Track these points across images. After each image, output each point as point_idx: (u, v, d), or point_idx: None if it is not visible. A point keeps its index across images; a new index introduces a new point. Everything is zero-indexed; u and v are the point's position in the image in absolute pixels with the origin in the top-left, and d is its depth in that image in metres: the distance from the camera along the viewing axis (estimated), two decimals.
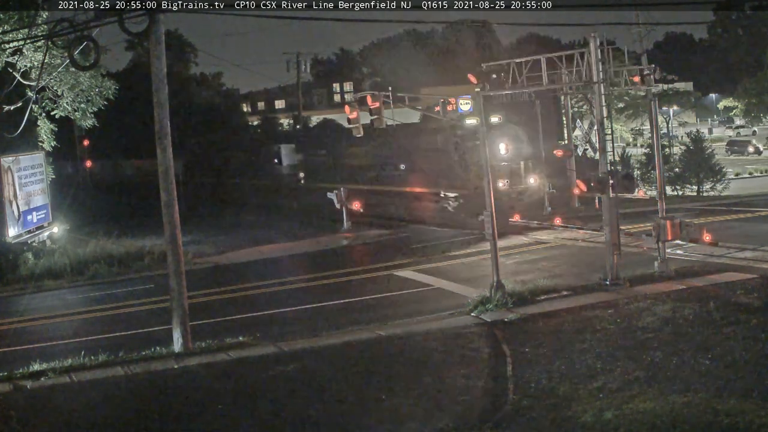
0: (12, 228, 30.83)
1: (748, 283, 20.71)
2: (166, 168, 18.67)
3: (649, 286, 21.20)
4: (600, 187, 22.02)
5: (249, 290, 25.35)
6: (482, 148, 21.69)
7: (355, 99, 27.58)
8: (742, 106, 69.23)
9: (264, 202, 48.66)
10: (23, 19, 28.45)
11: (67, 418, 14.93)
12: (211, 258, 31.57)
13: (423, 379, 15.54)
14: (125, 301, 24.73)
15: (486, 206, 21.43)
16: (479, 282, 22.63)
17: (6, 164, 30.86)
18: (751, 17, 73.10)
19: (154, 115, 18.64)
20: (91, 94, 31.79)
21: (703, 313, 18.10)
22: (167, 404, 15.36)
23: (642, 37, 39.59)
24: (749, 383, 13.75)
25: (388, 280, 25.18)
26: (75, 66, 22.21)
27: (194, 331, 18.94)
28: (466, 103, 22.65)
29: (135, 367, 17.38)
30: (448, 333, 18.64)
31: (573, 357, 15.96)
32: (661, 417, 12.68)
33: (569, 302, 20.38)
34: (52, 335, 21.23)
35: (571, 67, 24.19)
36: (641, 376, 14.60)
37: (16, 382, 16.65)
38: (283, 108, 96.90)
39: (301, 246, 33.07)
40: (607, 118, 22.71)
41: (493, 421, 13.30)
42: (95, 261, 29.62)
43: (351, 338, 18.73)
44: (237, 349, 18.25)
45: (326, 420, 13.90)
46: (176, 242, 18.80)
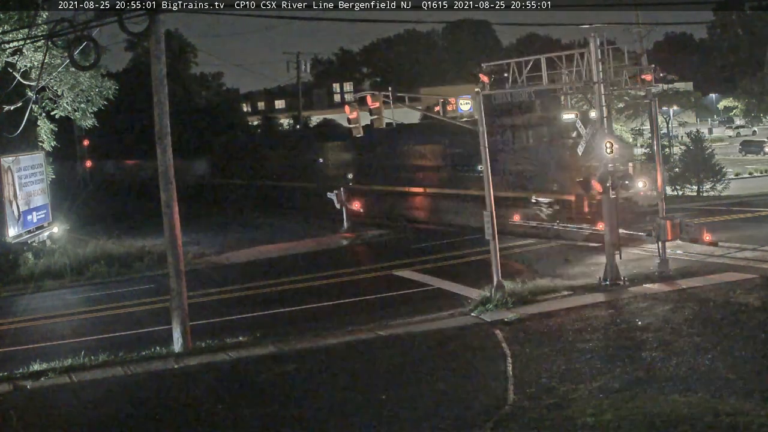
0: (12, 228, 30.83)
1: (748, 283, 20.73)
2: (166, 168, 18.67)
3: (649, 286, 21.22)
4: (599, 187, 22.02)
5: (249, 290, 25.36)
6: (482, 149, 21.68)
7: (355, 99, 27.56)
8: (742, 106, 69.23)
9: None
10: (23, 19, 28.46)
11: (67, 418, 14.93)
12: (211, 258, 31.60)
13: (423, 380, 15.54)
14: (125, 301, 24.73)
15: (486, 206, 21.44)
16: (480, 282, 22.63)
17: (6, 164, 30.86)
18: (751, 17, 73.04)
19: (153, 115, 18.65)
20: (91, 94, 31.80)
21: (703, 313, 18.11)
22: (167, 404, 15.36)
23: (642, 37, 39.58)
24: (749, 383, 13.75)
25: (388, 280, 25.18)
26: (75, 66, 22.23)
27: (194, 331, 18.95)
28: (466, 102, 22.66)
29: (135, 367, 17.38)
30: (447, 333, 18.65)
31: (573, 357, 15.96)
32: (661, 417, 12.68)
33: (569, 302, 20.39)
34: (52, 335, 21.23)
35: (571, 67, 24.18)
36: (641, 376, 14.60)
37: (16, 382, 16.67)
38: (283, 108, 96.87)
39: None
40: (606, 118, 22.72)
41: (493, 421, 13.29)
42: (95, 261, 29.63)
43: (351, 338, 18.74)
44: (237, 349, 18.26)
45: (326, 420, 13.90)
46: (176, 242, 18.80)
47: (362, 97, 24.94)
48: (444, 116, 23.96)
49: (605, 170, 21.83)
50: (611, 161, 21.63)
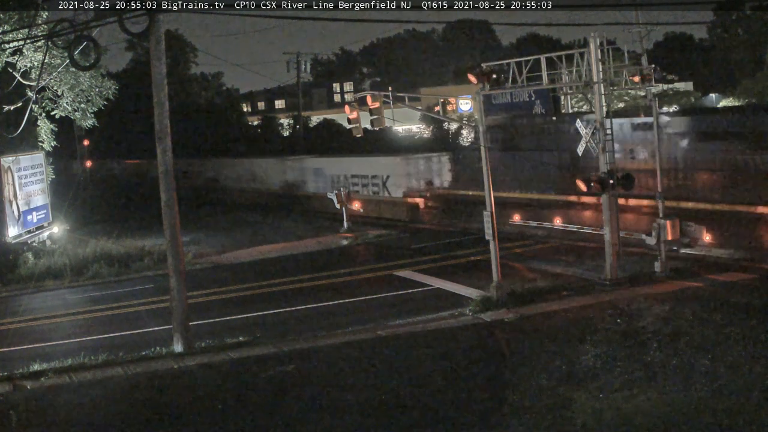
0: (12, 228, 30.83)
1: (748, 283, 20.73)
2: (166, 168, 18.67)
3: (649, 286, 21.22)
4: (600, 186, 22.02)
5: (249, 290, 25.36)
6: (482, 149, 21.68)
7: (355, 99, 27.55)
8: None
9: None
10: (23, 19, 28.47)
11: (67, 418, 14.93)
12: (211, 258, 31.59)
13: (422, 380, 15.55)
14: (125, 301, 24.74)
15: (486, 206, 21.44)
16: (479, 282, 22.64)
17: (6, 164, 30.85)
18: (751, 17, 73.06)
19: (154, 115, 18.65)
20: (91, 94, 31.81)
21: (703, 313, 18.10)
22: (167, 404, 15.36)
23: (642, 37, 39.50)
24: (749, 383, 13.75)
25: (388, 280, 25.18)
26: (75, 66, 22.22)
27: (194, 331, 18.95)
28: (466, 102, 22.67)
29: (135, 367, 17.39)
30: (448, 333, 18.66)
31: (573, 357, 15.96)
32: (661, 417, 12.69)
33: (569, 302, 20.40)
34: (52, 335, 21.24)
35: (571, 67, 24.20)
36: (641, 376, 14.60)
37: (16, 382, 16.67)
38: (283, 108, 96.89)
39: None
40: (607, 118, 22.72)
41: (493, 421, 13.30)
42: (95, 261, 29.64)
43: (351, 338, 18.75)
44: (237, 349, 18.27)
45: (326, 420, 13.90)
46: (176, 242, 18.80)
47: (362, 97, 24.95)
48: (444, 116, 23.93)
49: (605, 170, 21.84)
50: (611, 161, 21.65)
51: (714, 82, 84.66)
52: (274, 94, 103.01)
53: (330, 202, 35.50)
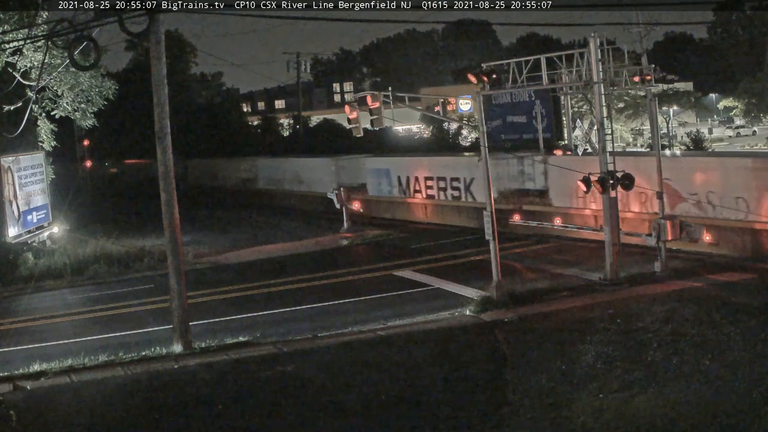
0: (12, 228, 30.82)
1: (748, 283, 20.73)
2: (166, 168, 18.67)
3: (648, 286, 21.22)
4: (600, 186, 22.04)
5: (249, 290, 25.35)
6: (482, 149, 21.68)
7: (355, 99, 27.56)
8: (742, 106, 69.23)
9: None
10: (23, 19, 28.44)
11: (67, 418, 14.93)
12: (211, 258, 31.58)
13: (422, 380, 15.55)
14: (125, 301, 24.72)
15: (486, 206, 21.44)
16: (479, 282, 22.64)
17: (6, 164, 30.85)
18: (751, 17, 73.14)
19: (153, 115, 18.65)
20: (91, 94, 31.79)
21: (703, 313, 18.11)
22: (167, 404, 15.35)
23: (642, 37, 39.61)
24: (749, 383, 13.76)
25: (388, 280, 25.18)
26: (75, 66, 22.18)
27: (194, 331, 18.95)
28: (466, 102, 22.68)
29: (135, 367, 17.39)
30: (447, 333, 18.65)
31: (573, 357, 15.97)
32: (661, 417, 12.69)
33: (569, 302, 20.39)
34: (52, 335, 21.22)
35: (571, 67, 24.21)
36: (641, 376, 14.61)
37: (16, 382, 16.66)
38: (283, 108, 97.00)
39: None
40: (607, 118, 22.74)
41: (493, 421, 13.30)
42: (95, 261, 29.62)
43: (351, 338, 18.75)
44: (237, 349, 18.26)
45: (326, 420, 13.91)
46: (176, 242, 18.80)
47: (362, 97, 24.95)
48: (444, 116, 23.96)
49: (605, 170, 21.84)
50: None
51: (714, 82, 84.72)
52: (274, 94, 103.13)
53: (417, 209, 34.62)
